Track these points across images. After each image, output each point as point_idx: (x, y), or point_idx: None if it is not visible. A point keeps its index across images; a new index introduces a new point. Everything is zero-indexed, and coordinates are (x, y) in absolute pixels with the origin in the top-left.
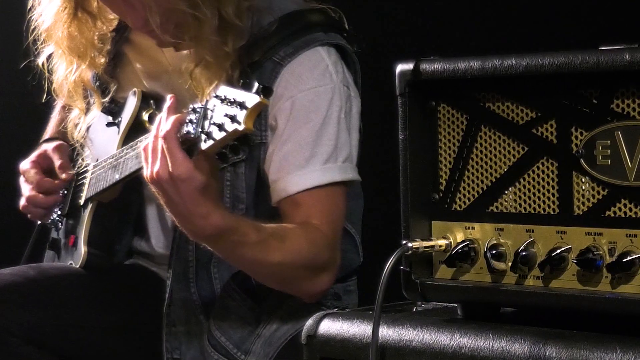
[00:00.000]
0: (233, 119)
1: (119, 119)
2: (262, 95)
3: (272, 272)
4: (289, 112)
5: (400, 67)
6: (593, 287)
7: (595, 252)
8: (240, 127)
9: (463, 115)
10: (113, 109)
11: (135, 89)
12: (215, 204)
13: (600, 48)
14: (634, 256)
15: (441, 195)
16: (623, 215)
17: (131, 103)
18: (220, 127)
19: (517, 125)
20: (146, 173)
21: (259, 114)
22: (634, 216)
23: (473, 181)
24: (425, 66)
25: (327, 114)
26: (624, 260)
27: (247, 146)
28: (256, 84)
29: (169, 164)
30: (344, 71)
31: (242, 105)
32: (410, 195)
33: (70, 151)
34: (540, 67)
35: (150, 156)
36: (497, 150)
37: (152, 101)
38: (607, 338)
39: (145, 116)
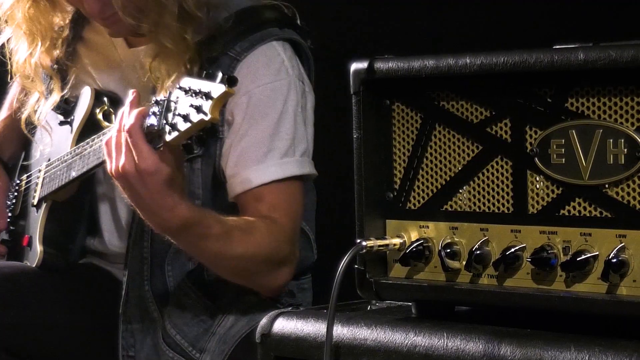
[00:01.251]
0: (199, 109)
1: (72, 118)
2: (227, 85)
3: (233, 265)
4: (246, 107)
5: (355, 66)
6: (547, 285)
7: (549, 251)
8: (207, 117)
9: (417, 114)
10: (65, 108)
11: (87, 86)
12: (181, 196)
13: (554, 47)
14: (588, 255)
15: (395, 194)
16: (577, 214)
17: (84, 101)
18: (185, 118)
19: (472, 124)
20: (110, 167)
21: (224, 105)
22: (588, 215)
23: (427, 180)
24: (380, 65)
25: (283, 108)
26: (578, 259)
27: (215, 137)
28: (220, 74)
29: (135, 158)
30: (299, 66)
31: (207, 96)
32: (365, 193)
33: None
34: (495, 66)
35: (114, 150)
36: (451, 149)
37: (105, 98)
38: (562, 337)
39: (99, 114)
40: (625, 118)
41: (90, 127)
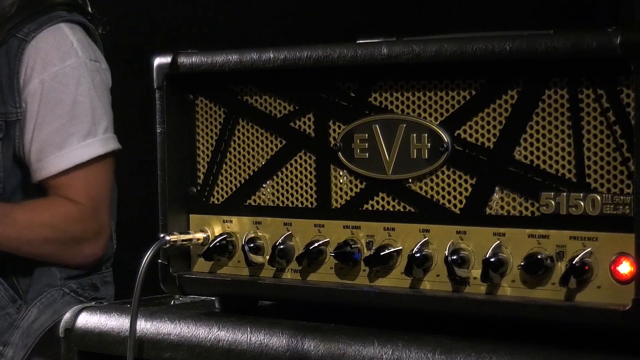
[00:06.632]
0: None
1: None
2: None
3: (17, 245)
4: (40, 94)
5: (158, 61)
6: (351, 280)
7: (353, 246)
8: None
9: (221, 109)
10: None
11: None
12: None
13: (358, 42)
14: (392, 249)
15: (199, 188)
16: (381, 209)
17: None
18: None
19: (275, 118)
20: None
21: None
22: (391, 209)
23: (231, 174)
24: (183, 59)
25: (77, 91)
26: (381, 254)
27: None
28: None
29: None
30: (90, 46)
31: None
32: (168, 188)
33: None
34: (298, 61)
35: None
36: (255, 144)
37: None
38: (365, 331)
39: None
40: (428, 112)
41: None
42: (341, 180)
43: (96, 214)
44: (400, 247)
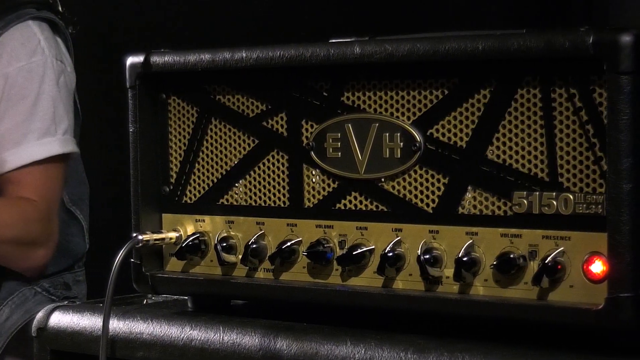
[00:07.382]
0: None
1: None
2: None
3: None
4: (2, 89)
5: (131, 60)
6: (324, 279)
7: (325, 245)
8: None
9: (193, 108)
10: None
11: None
12: None
13: (330, 41)
14: (364, 249)
15: (171, 187)
16: (353, 208)
17: None
18: None
19: (248, 117)
20: None
21: None
22: (364, 209)
23: (204, 174)
24: (156, 59)
25: (40, 89)
26: (354, 253)
27: None
28: None
29: None
30: (57, 45)
31: None
32: (141, 187)
33: None
34: (271, 60)
35: None
36: (227, 143)
37: None
38: (338, 331)
39: None
40: (401, 112)
41: None
42: (314, 180)
43: (49, 216)
44: (373, 247)
